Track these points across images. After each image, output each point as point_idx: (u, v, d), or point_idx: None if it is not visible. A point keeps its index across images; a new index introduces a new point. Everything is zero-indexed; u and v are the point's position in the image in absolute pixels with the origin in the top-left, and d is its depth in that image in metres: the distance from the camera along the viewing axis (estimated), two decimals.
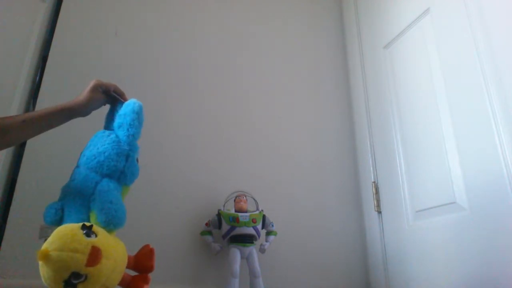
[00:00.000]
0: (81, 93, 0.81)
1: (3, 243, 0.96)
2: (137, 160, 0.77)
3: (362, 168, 1.48)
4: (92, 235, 0.59)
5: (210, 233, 1.11)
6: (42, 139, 0.86)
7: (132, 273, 0.75)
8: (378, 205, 1.37)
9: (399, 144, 1.33)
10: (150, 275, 0.75)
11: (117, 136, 0.75)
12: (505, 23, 1.01)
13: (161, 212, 1.14)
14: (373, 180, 1.41)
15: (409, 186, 1.26)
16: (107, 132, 0.77)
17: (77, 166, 0.74)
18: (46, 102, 1.10)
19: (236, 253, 1.06)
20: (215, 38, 1.45)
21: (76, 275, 0.54)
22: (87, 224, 0.60)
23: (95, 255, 0.56)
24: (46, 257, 0.54)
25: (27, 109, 1.15)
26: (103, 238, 0.60)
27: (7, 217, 0.99)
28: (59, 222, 0.68)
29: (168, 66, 1.33)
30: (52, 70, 1.17)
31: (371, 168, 1.43)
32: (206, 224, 1.11)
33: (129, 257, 0.72)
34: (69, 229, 0.58)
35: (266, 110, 1.43)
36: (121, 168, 0.72)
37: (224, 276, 1.08)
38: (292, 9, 1.67)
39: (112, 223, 0.65)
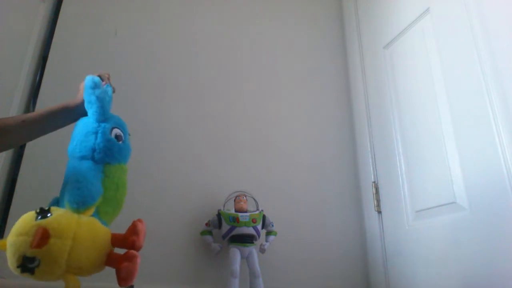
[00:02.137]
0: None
1: None
2: (118, 137, 0.74)
3: (362, 168, 1.48)
4: (47, 217, 0.57)
5: (210, 233, 1.11)
6: (42, 139, 0.86)
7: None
8: (378, 205, 1.37)
9: (399, 144, 1.33)
10: (136, 252, 0.66)
11: (88, 118, 0.75)
12: (505, 23, 1.01)
13: (161, 212, 1.14)
14: (373, 180, 1.41)
15: (409, 186, 1.26)
16: (84, 118, 0.76)
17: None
18: (46, 102, 1.11)
19: (236, 253, 1.06)
20: (215, 38, 1.45)
21: (28, 259, 0.54)
22: (46, 208, 0.59)
23: (39, 235, 0.54)
24: (2, 246, 0.56)
25: (27, 109, 1.15)
26: (56, 217, 0.58)
27: (7, 217, 0.99)
28: None
29: (168, 66, 1.33)
30: (52, 70, 1.17)
31: (371, 168, 1.43)
32: (206, 224, 1.11)
33: (117, 235, 0.68)
34: (26, 214, 0.59)
35: (266, 110, 1.43)
36: (91, 146, 0.70)
37: (224, 276, 1.08)
38: (292, 9, 1.67)
39: (75, 202, 0.62)
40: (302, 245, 1.28)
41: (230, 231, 1.08)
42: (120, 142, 0.75)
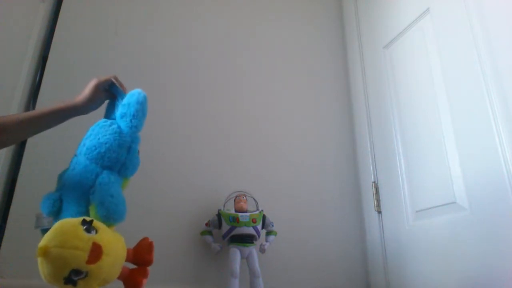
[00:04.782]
0: (81, 92, 0.81)
1: (3, 243, 0.96)
2: (138, 152, 0.76)
3: (362, 168, 1.48)
4: (92, 231, 0.58)
5: (210, 233, 1.11)
6: (42, 138, 0.86)
7: (132, 266, 0.74)
8: (378, 205, 1.37)
9: (399, 144, 1.33)
10: (149, 269, 0.74)
11: (119, 127, 0.72)
12: (505, 23, 1.01)
13: (161, 212, 1.14)
14: (373, 180, 1.41)
15: (409, 186, 1.26)
16: (108, 121, 0.74)
17: (76, 155, 0.72)
18: (46, 102, 1.10)
19: (236, 253, 1.06)
20: (215, 38, 1.45)
21: (76, 271, 0.54)
22: (87, 219, 0.59)
23: (96, 252, 0.56)
24: (46, 253, 0.53)
25: (27, 109, 1.15)
26: (104, 234, 0.60)
27: (7, 217, 0.99)
28: (57, 213, 0.67)
29: (168, 67, 1.33)
30: (52, 70, 1.17)
31: (371, 168, 1.43)
32: (206, 224, 1.11)
33: (128, 250, 0.71)
34: (70, 224, 0.58)
35: (266, 110, 1.43)
36: (122, 160, 0.70)
37: (224, 276, 1.08)
38: (292, 9, 1.67)
39: (112, 218, 0.64)
40: (302, 245, 1.28)
41: (230, 231, 1.08)
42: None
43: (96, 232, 0.59)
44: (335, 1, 1.80)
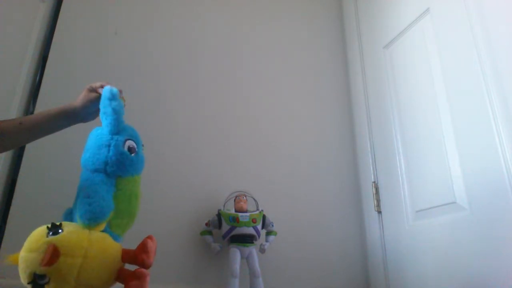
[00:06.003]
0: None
1: (3, 243, 0.96)
2: (131, 149, 0.73)
3: (362, 168, 1.48)
4: (59, 233, 0.57)
5: (210, 233, 1.11)
6: (42, 139, 0.86)
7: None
8: (378, 205, 1.37)
9: (399, 144, 1.33)
10: (146, 270, 0.70)
11: (101, 129, 0.73)
12: (505, 23, 1.01)
13: (161, 212, 1.14)
14: (373, 180, 1.41)
15: (409, 186, 1.26)
16: (98, 128, 0.76)
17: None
18: (46, 102, 1.11)
19: (236, 253, 1.06)
20: (215, 38, 1.45)
21: (39, 276, 0.54)
22: (57, 223, 0.59)
23: (49, 253, 0.54)
24: (13, 260, 0.55)
25: (27, 109, 1.15)
26: (66, 235, 0.57)
27: (7, 217, 0.99)
28: None
29: (168, 67, 1.33)
30: (52, 70, 1.17)
31: (371, 168, 1.43)
32: (206, 224, 1.11)
33: (129, 251, 0.70)
34: (39, 229, 0.58)
35: (266, 110, 1.43)
36: (103, 159, 0.69)
37: (224, 276, 1.08)
38: (292, 9, 1.67)
39: (86, 219, 0.62)
40: (302, 245, 1.28)
41: (230, 231, 1.08)
42: (133, 154, 0.73)
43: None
44: (335, 1, 1.80)
